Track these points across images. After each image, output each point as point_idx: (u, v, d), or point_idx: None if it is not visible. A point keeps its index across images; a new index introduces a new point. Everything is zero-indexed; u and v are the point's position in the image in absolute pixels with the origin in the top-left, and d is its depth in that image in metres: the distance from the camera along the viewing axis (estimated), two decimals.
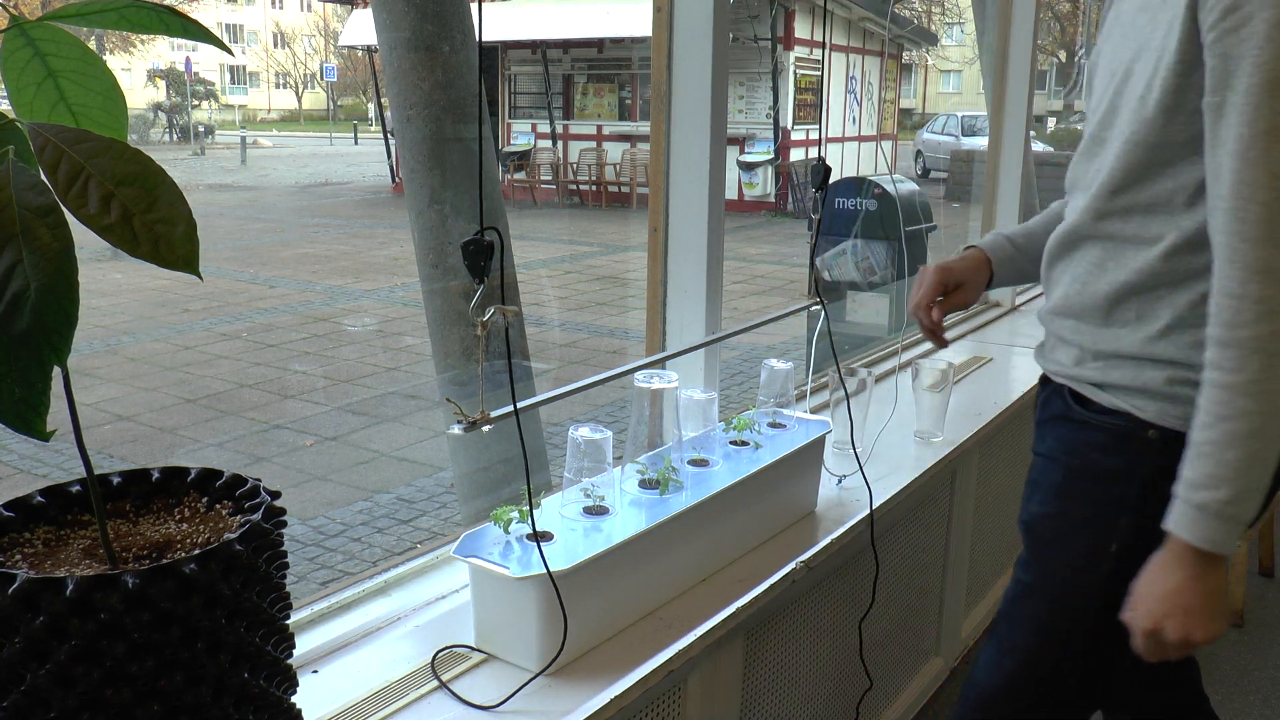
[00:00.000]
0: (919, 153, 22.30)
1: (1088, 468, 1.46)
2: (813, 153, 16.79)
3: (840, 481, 2.15)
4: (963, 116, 21.87)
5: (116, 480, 1.04)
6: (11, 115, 0.89)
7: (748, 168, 16.05)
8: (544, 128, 17.81)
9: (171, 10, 0.90)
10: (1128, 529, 1.41)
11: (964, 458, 2.56)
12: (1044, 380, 1.60)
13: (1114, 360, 1.43)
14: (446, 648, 1.49)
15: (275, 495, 1.01)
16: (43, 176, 0.80)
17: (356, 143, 28.11)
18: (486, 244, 1.28)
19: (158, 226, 0.79)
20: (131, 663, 0.85)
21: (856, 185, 5.60)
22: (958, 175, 16.00)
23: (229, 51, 1.06)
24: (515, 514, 1.50)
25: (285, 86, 41.73)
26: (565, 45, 17.34)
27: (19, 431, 0.86)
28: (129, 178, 0.80)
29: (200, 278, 0.81)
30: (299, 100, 40.42)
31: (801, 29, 16.21)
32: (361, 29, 16.90)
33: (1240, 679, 2.86)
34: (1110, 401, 1.43)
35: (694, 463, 1.80)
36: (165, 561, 0.87)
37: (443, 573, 1.70)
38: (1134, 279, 1.39)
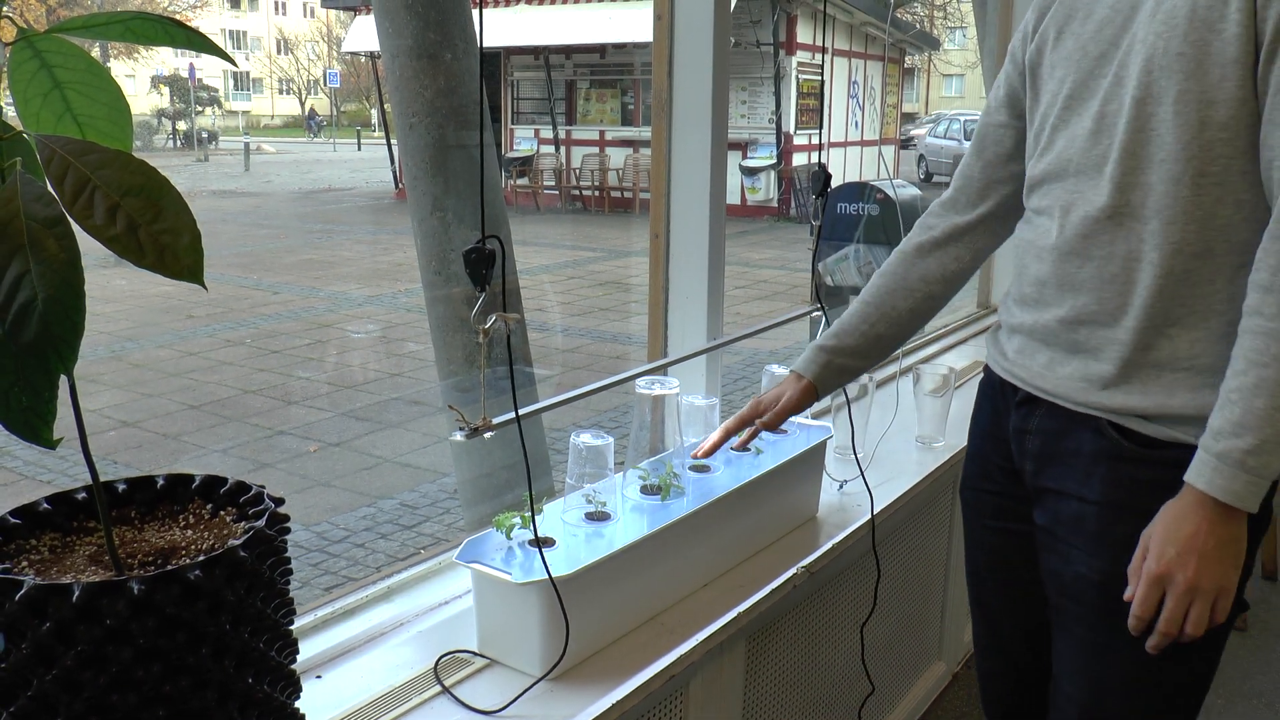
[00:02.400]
0: (921, 157, 22.29)
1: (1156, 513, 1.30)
2: (815, 157, 16.79)
3: (842, 487, 2.16)
4: (964, 120, 21.87)
5: (122, 487, 1.05)
6: (18, 127, 0.90)
7: (750, 172, 16.05)
8: (546, 133, 17.83)
9: (176, 22, 0.91)
10: None
11: None
12: (1050, 406, 1.43)
13: (1166, 381, 1.30)
14: (449, 653, 1.50)
15: (279, 502, 1.02)
16: (50, 188, 0.81)
17: (359, 149, 28.14)
18: (488, 252, 1.29)
19: (163, 237, 0.80)
20: (137, 668, 0.86)
21: (858, 190, 5.59)
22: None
23: (233, 62, 1.07)
24: (517, 519, 1.51)
25: (288, 93, 41.80)
26: (567, 51, 17.36)
27: (26, 439, 0.87)
28: (134, 189, 0.81)
29: (205, 288, 0.82)
30: (302, 106, 40.47)
31: (803, 34, 16.22)
32: (364, 35, 16.93)
33: (1244, 683, 2.86)
34: (1168, 435, 1.30)
35: (695, 468, 1.80)
36: (170, 568, 0.88)
37: (445, 578, 1.71)
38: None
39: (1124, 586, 1.31)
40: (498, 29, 15.75)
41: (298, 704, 1.06)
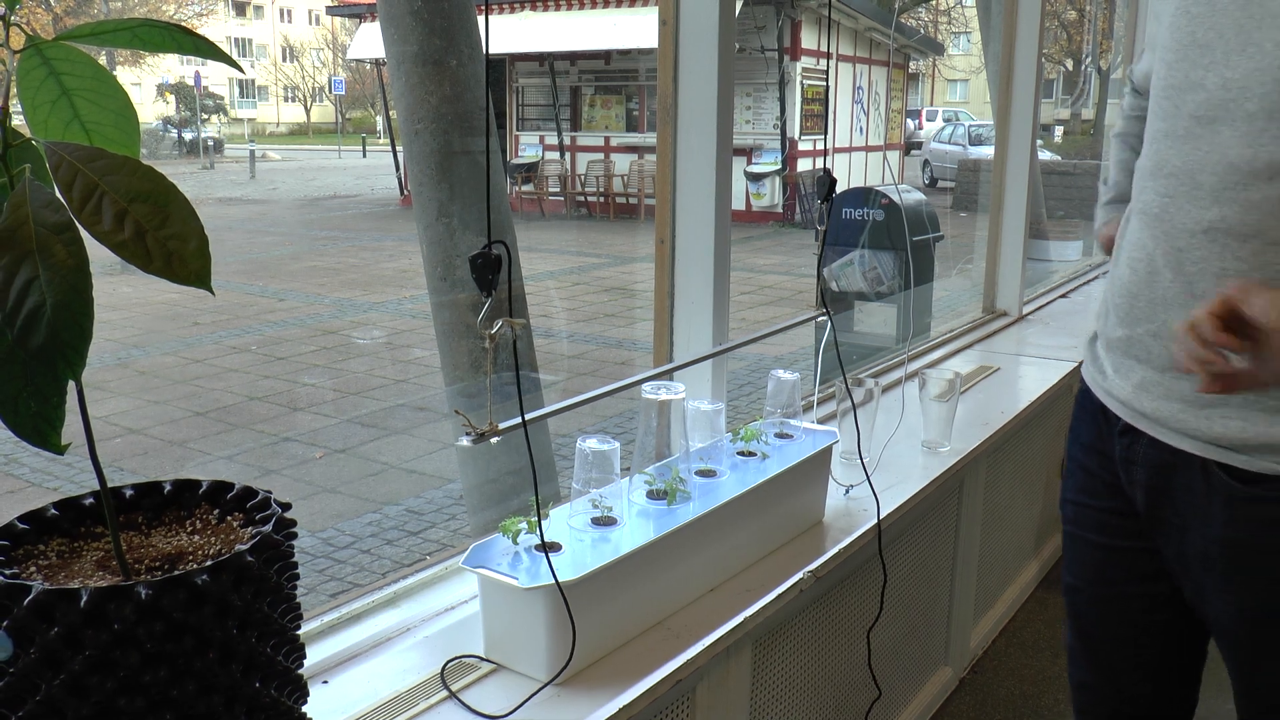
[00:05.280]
0: (926, 162, 22.28)
1: None
2: (820, 163, 16.79)
3: (847, 491, 2.15)
4: (970, 126, 21.85)
5: (129, 493, 1.05)
6: (27, 134, 0.90)
7: (755, 178, 16.06)
8: (551, 139, 17.85)
9: (183, 29, 0.92)
10: None
11: (971, 467, 2.56)
12: (1151, 440, 1.37)
13: (1264, 403, 1.25)
14: (456, 658, 1.50)
15: (286, 507, 1.02)
16: (58, 194, 0.81)
17: (364, 155, 28.18)
18: (494, 257, 1.29)
19: (170, 243, 0.81)
20: (144, 672, 0.86)
21: (863, 195, 5.60)
22: (965, 185, 15.99)
23: (240, 69, 1.08)
24: (524, 525, 1.51)
25: (294, 100, 41.89)
26: (572, 57, 17.39)
27: (35, 445, 0.87)
28: (142, 194, 0.81)
29: (213, 293, 0.82)
30: (307, 113, 40.57)
31: (808, 39, 16.23)
32: (370, 42, 16.97)
33: None
34: (1270, 469, 1.25)
35: (701, 473, 1.80)
36: (177, 573, 0.88)
37: (452, 584, 1.71)
38: None
39: (1268, 625, 1.31)
40: (503, 35, 15.78)
41: (305, 709, 1.06)
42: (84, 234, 0.81)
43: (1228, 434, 1.26)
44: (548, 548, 1.48)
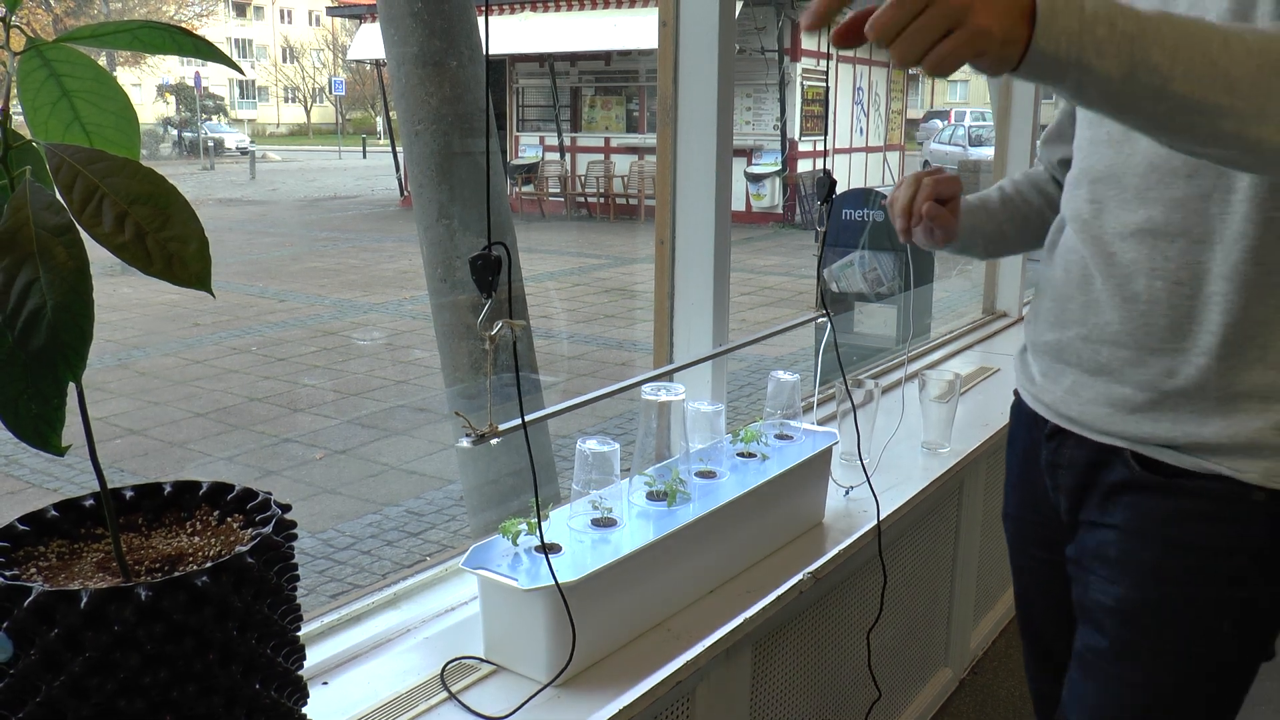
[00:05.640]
0: (925, 163, 22.29)
1: (1186, 543, 1.25)
2: (820, 164, 16.79)
3: (847, 493, 2.15)
4: (969, 126, 21.86)
5: (129, 494, 1.05)
6: (27, 135, 0.90)
7: (755, 179, 16.06)
8: (552, 140, 17.86)
9: (183, 31, 0.92)
10: (1243, 603, 1.24)
11: (971, 468, 2.56)
12: (1077, 438, 1.36)
13: (1195, 405, 1.23)
14: (456, 659, 1.50)
15: (286, 509, 1.02)
16: (58, 196, 0.81)
17: (365, 156, 28.20)
18: (494, 259, 1.29)
19: (171, 244, 0.81)
20: (145, 674, 0.86)
21: (863, 196, 5.60)
22: (965, 185, 15.95)
23: (240, 71, 1.08)
24: (524, 526, 1.51)
25: (294, 101, 41.92)
26: (572, 58, 17.40)
27: (35, 447, 0.88)
28: (143, 196, 0.81)
29: (213, 295, 0.83)
30: (307, 114, 40.60)
31: (808, 40, 16.24)
32: (370, 43, 16.98)
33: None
34: (1196, 465, 1.23)
35: (701, 474, 1.80)
36: (178, 574, 0.88)
37: (452, 585, 1.71)
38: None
39: (1141, 616, 1.27)
40: (503, 36, 15.78)
41: (305, 710, 1.06)
42: (84, 236, 0.81)
43: (1156, 433, 1.25)
44: (548, 549, 1.48)
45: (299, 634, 1.03)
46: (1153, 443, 1.25)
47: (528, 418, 1.45)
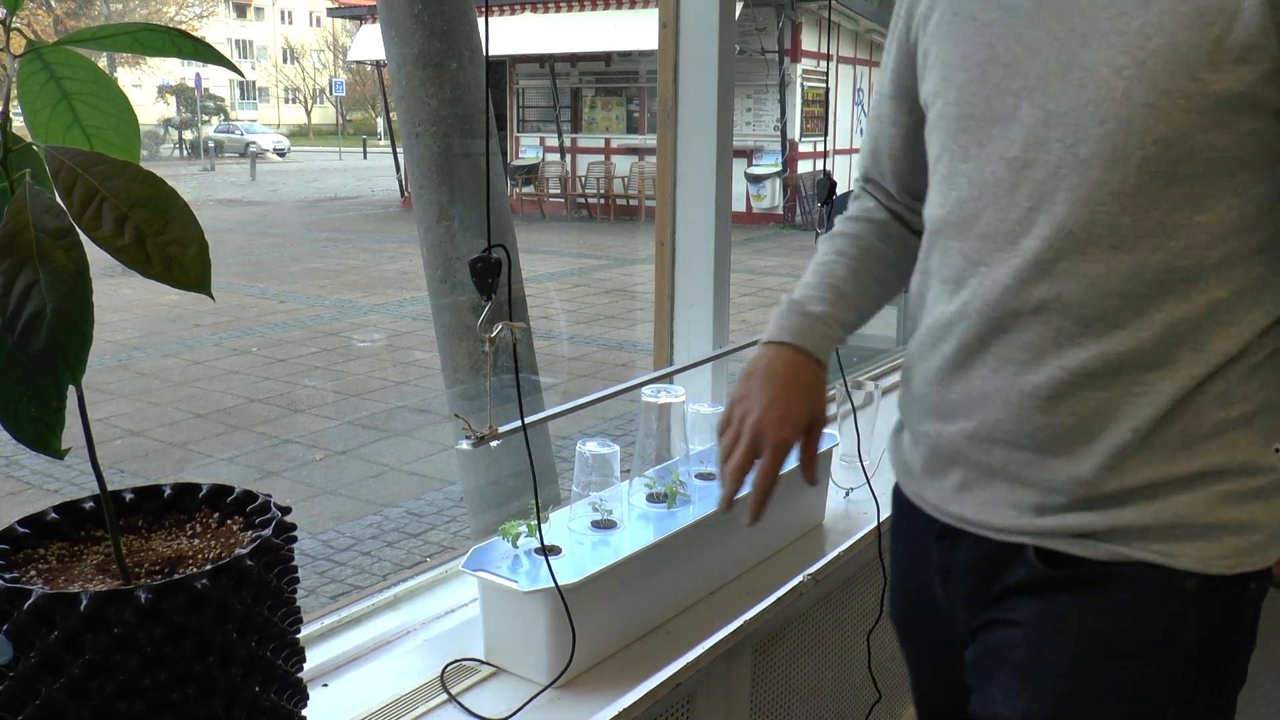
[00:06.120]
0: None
1: (1105, 646, 1.02)
2: (820, 165, 16.80)
3: (847, 494, 2.15)
4: None
5: (129, 496, 1.05)
6: (27, 138, 0.90)
7: (755, 180, 16.06)
8: (552, 141, 17.86)
9: (183, 34, 0.92)
10: (1181, 698, 1.03)
11: None
12: (955, 533, 1.13)
13: (1114, 495, 1.01)
14: (455, 661, 1.50)
15: (286, 511, 1.03)
16: (59, 199, 0.81)
17: (365, 157, 28.20)
18: (494, 261, 1.29)
19: (171, 248, 0.81)
20: (145, 676, 0.86)
21: None
22: None
23: (240, 74, 1.08)
24: (524, 528, 1.51)
25: (294, 101, 41.93)
26: (573, 59, 17.40)
27: (36, 450, 0.88)
28: (142, 200, 0.81)
29: (213, 298, 0.83)
30: (308, 115, 40.61)
31: (808, 41, 16.24)
32: (370, 44, 16.98)
33: (1251, 691, 2.85)
34: (1115, 554, 1.01)
35: (701, 476, 1.80)
36: (178, 577, 0.89)
37: (452, 586, 1.71)
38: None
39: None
40: (503, 37, 15.79)
41: (305, 712, 1.06)
42: (84, 239, 0.81)
43: (1067, 525, 1.03)
44: (548, 551, 1.48)
45: (299, 636, 1.03)
46: (1063, 534, 1.03)
47: (528, 419, 1.45)
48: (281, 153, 27.44)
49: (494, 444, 1.46)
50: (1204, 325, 0.96)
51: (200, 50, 0.93)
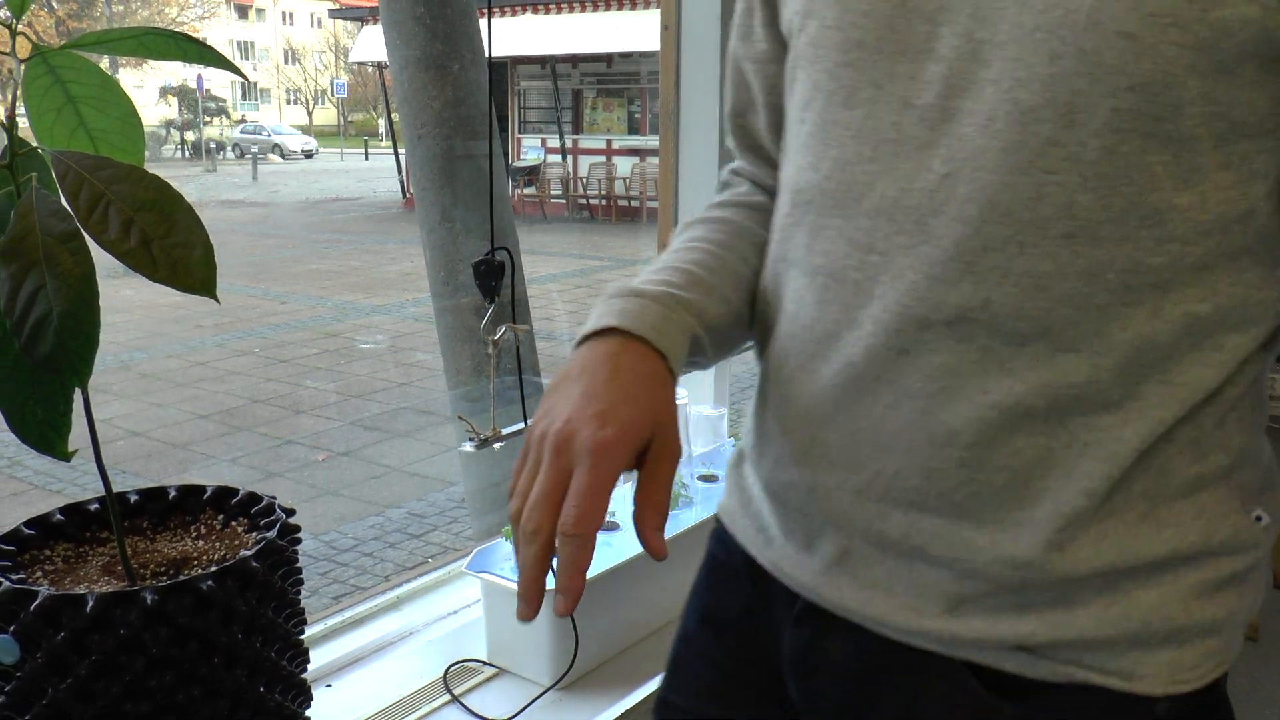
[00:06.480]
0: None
1: None
2: None
3: None
4: None
5: (134, 498, 1.06)
6: (33, 142, 0.91)
7: None
8: (553, 142, 17.87)
9: (187, 37, 0.92)
10: None
11: None
12: (822, 617, 0.81)
13: (1055, 589, 0.72)
14: (458, 662, 1.50)
15: (290, 512, 1.03)
16: (64, 203, 0.81)
17: (367, 158, 28.21)
18: (498, 263, 1.30)
19: (176, 251, 0.81)
20: (150, 677, 0.87)
21: None
22: None
23: (243, 76, 1.08)
24: None
25: (296, 103, 41.98)
26: (574, 60, 17.41)
27: (42, 452, 0.88)
28: (148, 203, 0.81)
29: (218, 301, 0.83)
30: (309, 116, 40.65)
31: None
32: (372, 45, 16.99)
33: (1255, 692, 2.85)
34: (1062, 675, 0.73)
35: (703, 478, 1.80)
36: (183, 578, 0.89)
37: (455, 587, 1.72)
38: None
39: None
40: (504, 39, 15.79)
41: (308, 713, 1.06)
42: (90, 243, 0.81)
43: (997, 632, 0.73)
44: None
45: (302, 637, 1.04)
46: (990, 646, 0.74)
47: (530, 422, 1.46)
48: (310, 154, 27.47)
49: (497, 446, 1.46)
50: (1177, 350, 0.69)
51: (205, 54, 0.94)
